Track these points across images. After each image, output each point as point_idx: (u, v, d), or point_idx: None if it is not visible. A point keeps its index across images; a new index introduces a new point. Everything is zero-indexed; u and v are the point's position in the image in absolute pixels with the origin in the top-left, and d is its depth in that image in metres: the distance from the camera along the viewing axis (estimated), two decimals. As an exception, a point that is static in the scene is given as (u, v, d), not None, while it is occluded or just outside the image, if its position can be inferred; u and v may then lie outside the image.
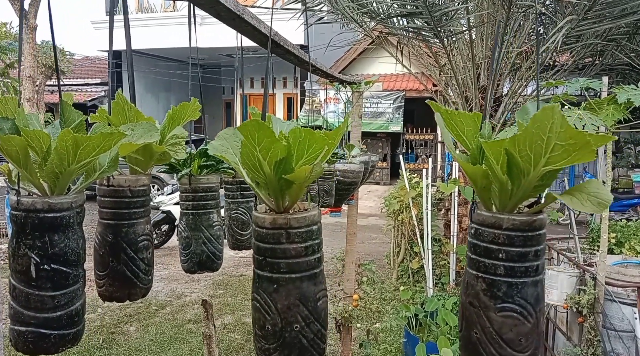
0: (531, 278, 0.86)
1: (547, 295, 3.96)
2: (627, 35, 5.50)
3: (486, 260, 0.86)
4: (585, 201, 0.81)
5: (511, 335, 0.85)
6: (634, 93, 3.15)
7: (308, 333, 0.88)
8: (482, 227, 0.88)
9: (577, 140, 0.73)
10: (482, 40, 5.98)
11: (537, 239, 0.85)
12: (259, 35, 2.02)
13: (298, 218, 0.88)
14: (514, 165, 0.82)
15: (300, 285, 0.88)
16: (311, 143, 0.84)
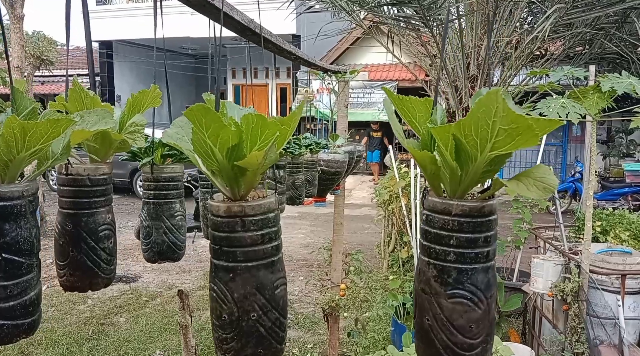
0: (482, 265, 0.86)
1: (532, 283, 4.00)
2: (615, 24, 5.49)
3: (437, 247, 0.87)
4: (531, 186, 0.81)
5: (461, 321, 0.85)
6: (617, 82, 3.15)
7: (266, 321, 0.88)
8: (432, 213, 0.88)
9: (518, 124, 0.73)
10: (471, 30, 5.96)
11: (487, 225, 0.85)
12: (232, 23, 2.00)
13: (253, 206, 0.87)
14: (462, 151, 0.82)
15: (256, 274, 0.88)
16: (264, 129, 0.83)
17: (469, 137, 0.79)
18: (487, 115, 0.77)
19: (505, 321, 4.74)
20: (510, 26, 5.66)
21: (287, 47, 2.60)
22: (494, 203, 0.86)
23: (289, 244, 8.35)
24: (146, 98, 1.25)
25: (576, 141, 11.00)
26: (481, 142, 0.79)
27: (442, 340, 0.87)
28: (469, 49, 5.91)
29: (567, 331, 3.68)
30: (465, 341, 0.86)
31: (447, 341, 0.87)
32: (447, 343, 0.87)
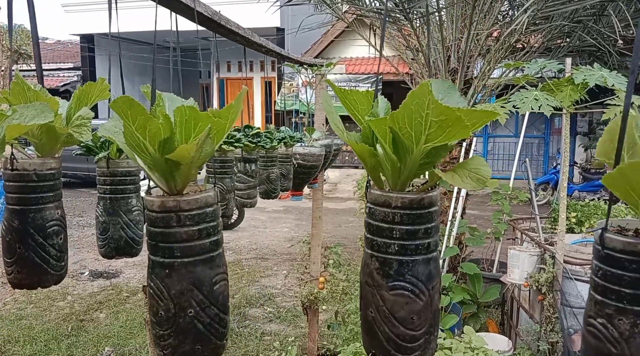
0: (422, 256, 0.85)
1: (509, 274, 4.04)
2: (593, 17, 5.53)
3: (378, 239, 0.86)
4: (465, 177, 0.80)
5: (403, 313, 0.84)
6: (589, 74, 3.17)
7: (204, 318, 0.87)
8: (374, 205, 0.87)
9: (447, 116, 0.72)
10: (452, 23, 5.96)
11: (427, 217, 0.85)
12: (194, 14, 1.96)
13: (189, 200, 0.85)
14: (400, 143, 0.81)
15: (193, 270, 0.86)
16: (197, 121, 0.81)
17: (403, 130, 0.78)
18: (421, 108, 0.76)
19: (484, 312, 4.80)
20: (490, 19, 5.67)
21: (256, 39, 2.57)
22: (433, 195, 0.85)
23: (273, 238, 8.33)
24: (94, 91, 1.22)
25: (558, 133, 11.12)
26: (416, 134, 0.78)
27: (385, 332, 0.86)
28: (450, 42, 5.91)
29: (542, 321, 3.73)
30: (407, 333, 0.86)
31: (389, 333, 0.86)
32: (389, 335, 0.86)
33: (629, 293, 0.87)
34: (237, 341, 4.90)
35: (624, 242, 0.88)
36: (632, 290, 0.87)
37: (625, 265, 0.87)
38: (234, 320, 5.31)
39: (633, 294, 0.87)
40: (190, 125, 0.82)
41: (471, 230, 4.93)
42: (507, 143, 12.20)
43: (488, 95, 6.37)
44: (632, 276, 0.87)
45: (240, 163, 2.55)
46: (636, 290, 0.87)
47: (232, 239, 8.12)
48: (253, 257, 7.28)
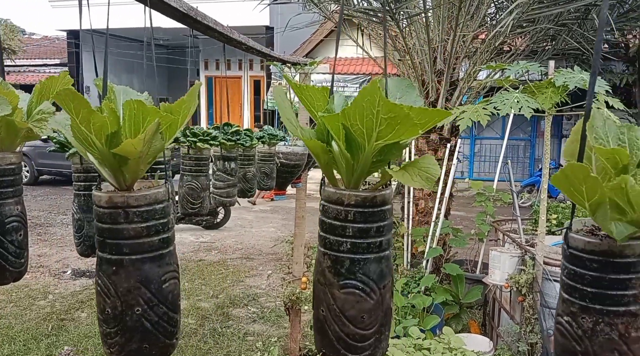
0: (374, 255, 0.84)
1: (490, 275, 4.05)
2: (577, 21, 5.58)
3: (331, 237, 0.85)
4: (415, 176, 0.79)
5: (353, 312, 0.83)
6: (570, 77, 3.19)
7: (152, 316, 0.85)
8: (327, 203, 0.86)
9: (396, 113, 0.71)
10: (438, 24, 5.97)
11: (380, 215, 0.84)
12: (169, 9, 1.94)
13: (137, 196, 0.83)
14: (352, 140, 0.80)
15: (141, 267, 0.84)
16: (145, 116, 0.80)
17: (355, 126, 0.77)
18: (372, 105, 0.75)
19: (466, 313, 4.81)
20: (477, 21, 5.70)
21: (235, 36, 2.55)
22: (386, 193, 0.84)
23: (259, 238, 8.30)
24: (55, 85, 1.19)
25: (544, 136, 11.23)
26: (367, 131, 0.77)
27: (335, 331, 0.85)
28: (436, 44, 5.93)
29: (522, 322, 3.74)
30: (357, 332, 0.85)
31: (339, 332, 0.85)
32: (339, 334, 0.85)
33: (591, 292, 0.87)
34: (219, 342, 4.87)
35: (585, 241, 0.88)
36: (594, 288, 0.87)
37: (586, 264, 0.88)
38: (217, 320, 5.28)
39: (595, 293, 0.87)
40: (138, 120, 0.80)
41: (454, 231, 4.94)
42: (494, 146, 12.28)
43: (474, 97, 6.40)
44: (594, 275, 0.87)
45: (219, 161, 2.53)
46: (598, 288, 0.87)
47: (218, 239, 8.08)
48: (238, 257, 7.25)
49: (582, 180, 0.80)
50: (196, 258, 7.08)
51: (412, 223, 5.84)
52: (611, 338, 0.84)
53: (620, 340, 0.83)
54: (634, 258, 0.84)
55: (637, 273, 0.84)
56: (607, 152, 0.84)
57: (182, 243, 7.75)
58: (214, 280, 6.30)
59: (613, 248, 0.83)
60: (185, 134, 2.00)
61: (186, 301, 5.68)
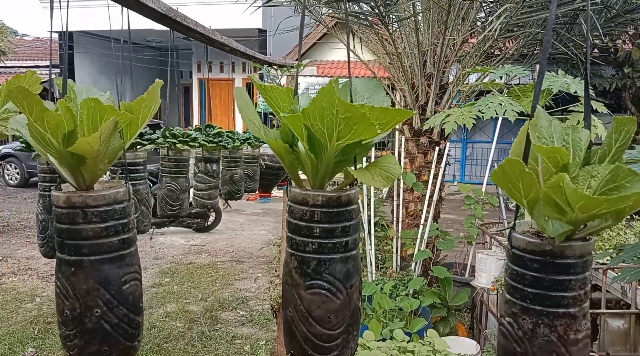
0: (340, 255, 0.83)
1: (477, 278, 4.06)
2: (565, 26, 5.62)
3: (297, 237, 0.84)
4: (376, 175, 0.79)
5: (320, 312, 0.83)
6: (553, 81, 3.21)
7: (111, 318, 0.84)
8: (293, 204, 0.85)
9: (352, 113, 0.70)
10: (428, 28, 6.00)
11: (345, 215, 0.83)
12: (147, 10, 1.93)
13: (95, 196, 0.82)
14: (315, 140, 0.80)
15: (100, 268, 0.83)
16: (102, 114, 0.78)
17: (315, 126, 0.76)
18: (331, 105, 0.74)
19: (454, 316, 4.81)
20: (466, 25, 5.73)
21: (217, 37, 2.54)
22: (351, 193, 0.84)
23: (250, 241, 8.27)
24: (22, 84, 1.18)
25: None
26: (328, 131, 0.77)
27: (302, 332, 0.84)
28: (426, 47, 5.95)
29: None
30: (324, 333, 0.84)
31: (306, 332, 0.84)
32: (306, 335, 0.84)
33: (531, 293, 0.87)
34: (207, 345, 4.84)
35: (527, 241, 0.88)
36: (534, 289, 0.87)
37: (527, 264, 0.87)
38: (205, 324, 5.24)
39: (535, 293, 0.87)
40: (96, 118, 0.79)
41: (442, 234, 4.95)
42: (485, 149, 12.34)
43: (464, 100, 6.42)
44: (534, 275, 0.87)
45: (201, 163, 2.51)
46: (538, 289, 0.87)
47: (208, 241, 8.05)
48: (228, 260, 7.22)
49: (518, 176, 0.80)
50: (186, 261, 7.04)
51: (402, 226, 5.85)
52: (550, 339, 0.83)
53: (559, 342, 0.83)
54: (573, 260, 0.83)
55: (577, 275, 0.84)
56: (547, 150, 0.84)
57: (173, 246, 7.71)
58: (204, 283, 6.27)
59: (554, 249, 0.83)
60: (165, 135, 1.98)
61: (175, 305, 5.64)
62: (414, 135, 6.25)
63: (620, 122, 0.95)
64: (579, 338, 0.84)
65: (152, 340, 4.86)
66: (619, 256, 1.76)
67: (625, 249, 1.79)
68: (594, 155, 1.00)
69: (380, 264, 5.77)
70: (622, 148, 0.97)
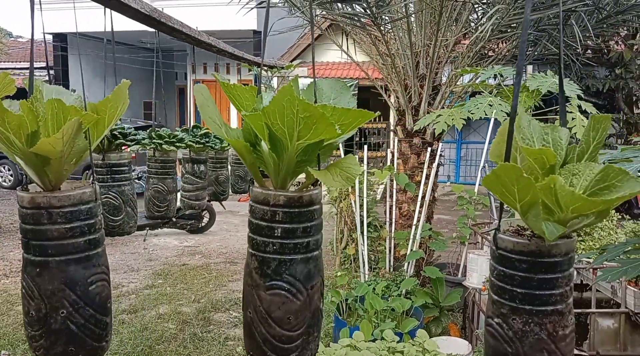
0: (301, 255, 0.84)
1: (468, 278, 4.07)
2: (557, 27, 5.65)
3: (258, 237, 0.84)
4: (336, 176, 0.79)
5: (279, 313, 0.83)
6: (542, 81, 3.23)
7: (77, 319, 0.84)
8: (254, 203, 0.85)
9: (311, 113, 0.71)
10: (421, 29, 6.01)
11: (307, 215, 0.83)
12: (130, 11, 1.93)
13: (60, 197, 0.82)
14: (276, 139, 0.80)
15: (66, 269, 0.83)
16: (65, 115, 0.79)
17: (276, 126, 0.77)
18: (292, 104, 0.74)
19: (446, 316, 4.82)
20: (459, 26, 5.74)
21: (204, 38, 2.54)
22: (313, 193, 0.84)
23: (244, 242, 8.26)
24: (-3, 86, 1.18)
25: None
26: (289, 131, 0.77)
27: (262, 333, 0.84)
28: (418, 48, 5.97)
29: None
30: (284, 334, 0.84)
31: (265, 334, 0.84)
32: (265, 336, 0.84)
33: (520, 293, 0.88)
34: (199, 347, 4.83)
35: (514, 241, 0.88)
36: (524, 289, 0.88)
37: (516, 264, 0.88)
38: (197, 325, 5.23)
39: (525, 293, 0.88)
40: (60, 118, 0.79)
41: (435, 234, 4.96)
42: (480, 150, 12.38)
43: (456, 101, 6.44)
44: (523, 275, 0.88)
45: (188, 164, 2.51)
46: (527, 289, 0.87)
47: (202, 243, 8.04)
48: (222, 261, 7.21)
49: (514, 180, 0.81)
50: (179, 263, 7.03)
51: (395, 226, 5.85)
52: (540, 337, 0.84)
53: (548, 339, 0.84)
54: (560, 258, 0.84)
55: (564, 272, 0.84)
56: (534, 152, 0.85)
57: (166, 247, 7.70)
58: (197, 285, 6.26)
59: (541, 248, 0.84)
60: (151, 136, 1.98)
61: (167, 306, 5.63)
62: (407, 136, 6.26)
63: (597, 119, 0.96)
64: (567, 334, 0.85)
65: (143, 341, 4.85)
66: (602, 256, 1.77)
67: (608, 249, 1.79)
68: (571, 152, 1.01)
69: (373, 265, 5.78)
70: (599, 146, 0.98)
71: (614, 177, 0.79)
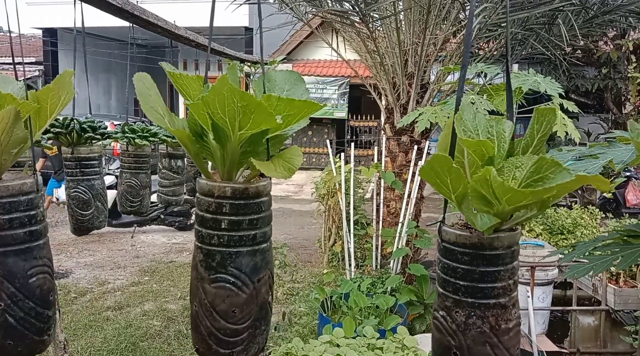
0: (247, 248, 0.82)
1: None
2: (544, 26, 5.66)
3: (203, 230, 0.83)
4: (278, 167, 0.78)
5: (224, 306, 0.82)
6: (524, 80, 3.22)
7: (16, 312, 0.82)
8: (200, 195, 0.84)
9: (248, 102, 0.70)
10: (409, 27, 6.01)
11: (253, 208, 0.82)
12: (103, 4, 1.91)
13: (-1, 187, 0.81)
14: (220, 129, 0.79)
15: (4, 261, 0.82)
16: (2, 104, 0.77)
17: (217, 115, 0.75)
18: (233, 93, 0.73)
19: (430, 313, 4.82)
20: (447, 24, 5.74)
21: (181, 32, 2.52)
22: (260, 185, 0.83)
23: (232, 239, 8.23)
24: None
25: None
26: (230, 120, 0.76)
27: (207, 326, 0.83)
28: (407, 46, 5.96)
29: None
30: (229, 327, 0.83)
31: (210, 327, 0.83)
32: (210, 329, 0.83)
33: (463, 285, 0.87)
34: (183, 343, 4.80)
35: (457, 234, 0.88)
36: (466, 281, 0.87)
37: (458, 257, 0.87)
38: (182, 322, 5.21)
39: (467, 286, 0.87)
40: (-4, 108, 0.77)
41: (420, 232, 4.96)
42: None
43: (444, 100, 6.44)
44: (465, 268, 0.87)
45: (165, 159, 2.49)
46: (469, 281, 0.87)
47: (190, 240, 8.00)
48: (210, 258, 7.17)
49: (446, 171, 0.80)
50: (167, 260, 6.99)
51: (383, 224, 5.85)
52: (483, 331, 0.83)
53: (491, 333, 0.83)
54: (502, 250, 0.84)
55: (506, 265, 0.84)
56: (473, 143, 0.84)
57: (154, 244, 7.66)
58: (183, 282, 6.23)
59: (483, 241, 0.83)
60: (124, 131, 1.96)
61: (153, 303, 5.60)
62: (396, 134, 6.26)
63: (541, 112, 0.95)
64: (510, 327, 0.84)
65: (127, 338, 4.82)
66: (571, 253, 1.77)
67: (577, 246, 1.80)
68: (517, 146, 1.00)
69: (360, 262, 5.78)
70: (543, 139, 0.98)
71: (547, 169, 0.78)
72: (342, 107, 12.02)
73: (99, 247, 7.40)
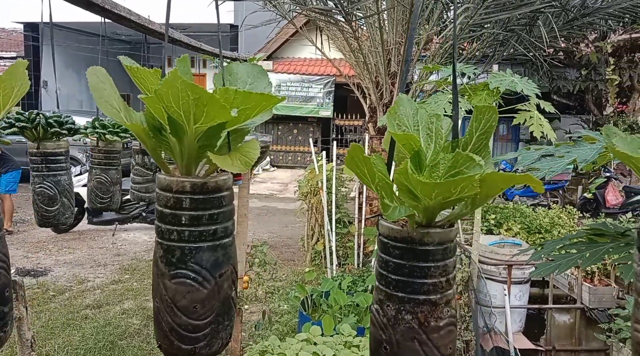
0: (208, 243, 0.82)
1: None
2: (525, 27, 5.73)
3: (162, 225, 0.83)
4: (235, 160, 0.78)
5: (185, 302, 0.81)
6: (502, 80, 3.27)
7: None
8: (159, 190, 0.83)
9: (199, 94, 0.69)
10: (392, 27, 6.04)
11: (213, 202, 0.82)
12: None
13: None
14: (176, 123, 0.78)
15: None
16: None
17: (171, 109, 0.75)
18: (187, 86, 0.73)
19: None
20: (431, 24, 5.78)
21: (156, 27, 2.49)
22: (219, 180, 0.82)
23: (215, 237, 8.19)
24: None
25: (503, 140, 11.51)
26: (185, 114, 0.75)
27: (168, 322, 0.83)
28: (390, 46, 5.99)
29: (458, 320, 3.81)
30: (190, 323, 0.83)
31: (171, 323, 0.83)
32: (172, 325, 0.83)
33: (394, 279, 0.87)
34: (163, 342, 4.76)
35: (390, 227, 0.88)
36: (397, 276, 0.87)
37: (390, 250, 0.87)
38: (162, 320, 5.18)
39: (398, 280, 0.87)
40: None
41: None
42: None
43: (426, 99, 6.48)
44: (396, 262, 0.87)
45: (138, 155, 2.46)
46: (400, 276, 0.87)
47: (172, 238, 7.93)
48: (192, 256, 7.13)
49: (361, 161, 0.81)
50: (148, 258, 6.92)
51: (366, 223, 5.88)
52: (411, 326, 0.84)
53: (420, 329, 0.84)
54: (433, 247, 0.84)
55: (437, 262, 0.84)
56: (401, 137, 0.85)
57: (135, 242, 7.58)
58: (164, 280, 6.19)
59: (412, 235, 0.84)
60: (94, 126, 1.94)
61: (133, 302, 5.55)
62: (379, 133, 6.29)
63: (480, 110, 0.97)
64: (441, 326, 0.84)
65: (106, 337, 4.77)
66: (539, 251, 1.80)
67: (545, 244, 1.83)
68: (459, 143, 1.01)
69: (342, 260, 5.79)
70: (484, 137, 0.99)
71: (462, 164, 0.80)
72: (328, 105, 12.03)
73: (79, 245, 7.30)
